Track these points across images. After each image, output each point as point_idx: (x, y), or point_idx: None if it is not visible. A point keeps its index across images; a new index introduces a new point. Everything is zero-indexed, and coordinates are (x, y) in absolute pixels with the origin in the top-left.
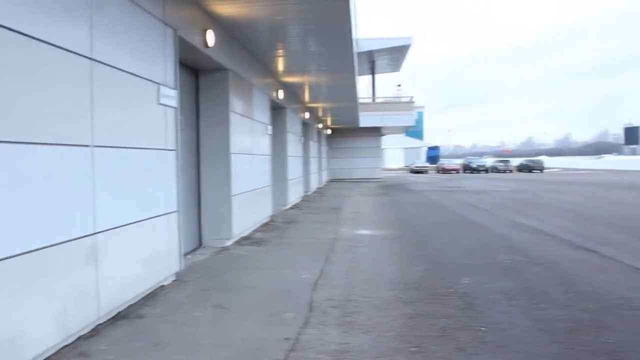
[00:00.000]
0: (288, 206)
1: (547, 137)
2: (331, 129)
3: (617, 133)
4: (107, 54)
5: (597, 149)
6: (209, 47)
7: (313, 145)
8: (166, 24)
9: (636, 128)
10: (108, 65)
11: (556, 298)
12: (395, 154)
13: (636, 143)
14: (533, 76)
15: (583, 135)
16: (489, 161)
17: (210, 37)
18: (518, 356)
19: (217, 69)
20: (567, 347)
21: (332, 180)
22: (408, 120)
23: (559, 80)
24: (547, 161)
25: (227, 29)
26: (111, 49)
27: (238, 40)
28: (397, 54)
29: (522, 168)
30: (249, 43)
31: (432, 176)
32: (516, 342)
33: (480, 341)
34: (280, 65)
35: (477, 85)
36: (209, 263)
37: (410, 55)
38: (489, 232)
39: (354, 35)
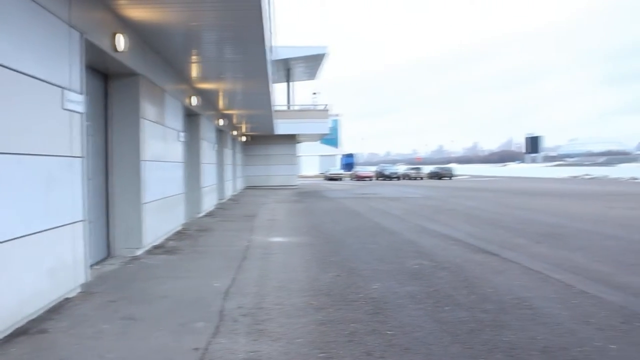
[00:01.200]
0: (202, 214)
1: (457, 145)
2: (247, 136)
3: (519, 142)
4: (4, 55)
5: (502, 157)
6: (118, 51)
7: (228, 153)
8: (72, 26)
9: (536, 138)
10: (6, 67)
11: (460, 300)
12: (311, 161)
13: (536, 152)
14: (445, 87)
15: (489, 144)
16: (401, 169)
17: (120, 42)
18: (422, 357)
19: (128, 74)
20: (468, 346)
21: (248, 188)
22: (323, 128)
23: (469, 92)
24: (457, 168)
25: (139, 33)
26: (9, 50)
27: (150, 45)
28: (313, 62)
29: (432, 175)
30: (162, 48)
31: (346, 183)
32: (421, 344)
33: (388, 344)
34: (195, 71)
35: (393, 95)
36: (118, 273)
37: (328, 64)
38: (399, 238)
39: (268, 43)
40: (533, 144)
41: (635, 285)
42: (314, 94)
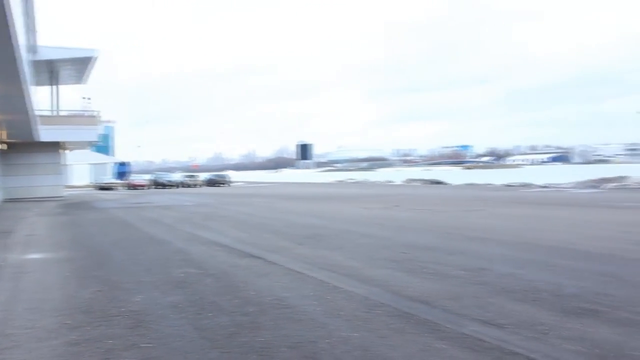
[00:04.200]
0: None
1: (234, 152)
2: (6, 143)
3: (293, 149)
4: None
5: (277, 163)
6: None
7: None
8: None
9: (307, 145)
10: None
11: (222, 306)
12: (81, 171)
13: (308, 158)
14: (223, 97)
15: (265, 151)
16: (178, 176)
17: None
18: None
19: None
20: (225, 350)
21: (8, 201)
22: (93, 135)
23: (246, 101)
24: (233, 175)
25: None
26: None
27: None
28: (82, 65)
29: (209, 182)
30: None
31: (120, 193)
32: (179, 354)
33: (145, 358)
34: None
35: (172, 103)
36: None
37: (104, 68)
38: (168, 247)
39: (24, 42)
40: (304, 151)
41: (380, 278)
42: (88, 99)
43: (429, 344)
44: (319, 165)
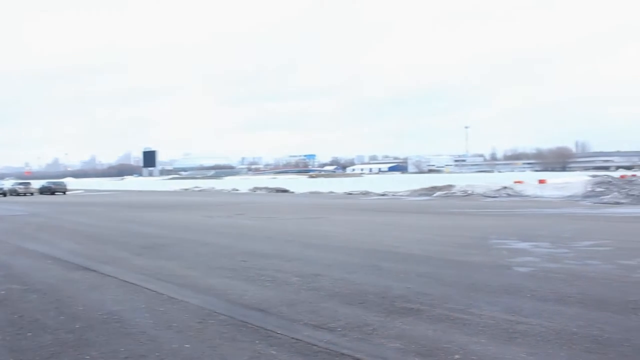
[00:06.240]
0: None
1: (74, 158)
2: None
3: (138, 156)
4: None
5: (121, 170)
6: None
7: None
8: None
9: (153, 152)
10: None
11: (46, 323)
12: None
13: (153, 165)
14: (63, 99)
15: (108, 157)
16: (8, 184)
17: None
18: None
19: None
20: None
21: None
22: None
23: (87, 104)
24: (73, 183)
25: None
26: None
27: None
28: None
29: (44, 190)
30: None
31: None
32: None
33: None
34: None
35: (9, 103)
36: None
37: None
38: None
39: None
40: (149, 158)
41: (217, 287)
42: None
43: (260, 351)
44: (165, 172)
